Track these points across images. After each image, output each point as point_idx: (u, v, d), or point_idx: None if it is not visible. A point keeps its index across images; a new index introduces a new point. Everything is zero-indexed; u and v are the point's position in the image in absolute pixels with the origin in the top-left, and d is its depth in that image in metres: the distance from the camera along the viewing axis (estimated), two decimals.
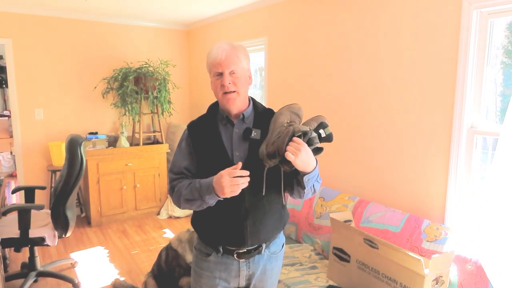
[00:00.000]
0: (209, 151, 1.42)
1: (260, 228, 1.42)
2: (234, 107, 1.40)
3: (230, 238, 1.42)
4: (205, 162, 1.42)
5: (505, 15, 1.96)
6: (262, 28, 3.71)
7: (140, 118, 4.41)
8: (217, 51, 1.37)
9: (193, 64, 5.12)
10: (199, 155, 1.44)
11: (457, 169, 2.16)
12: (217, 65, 1.36)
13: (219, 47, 1.37)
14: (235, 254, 1.43)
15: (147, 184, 4.43)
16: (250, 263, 1.47)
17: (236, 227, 1.40)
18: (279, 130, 1.31)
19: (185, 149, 1.47)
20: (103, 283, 2.96)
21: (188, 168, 1.46)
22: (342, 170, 2.94)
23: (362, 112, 2.73)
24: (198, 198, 1.33)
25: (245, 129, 1.41)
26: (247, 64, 1.43)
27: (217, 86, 1.39)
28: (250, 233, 1.41)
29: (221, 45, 1.38)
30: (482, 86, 2.08)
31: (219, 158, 1.40)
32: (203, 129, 1.47)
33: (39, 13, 4.09)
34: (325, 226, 2.59)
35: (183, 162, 1.46)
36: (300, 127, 1.29)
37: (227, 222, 1.41)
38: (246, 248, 1.43)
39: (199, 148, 1.44)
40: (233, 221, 1.40)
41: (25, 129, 4.18)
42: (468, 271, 1.85)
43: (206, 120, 1.50)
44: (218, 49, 1.37)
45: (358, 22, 2.70)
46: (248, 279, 1.49)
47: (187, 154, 1.46)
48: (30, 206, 2.63)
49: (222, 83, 1.36)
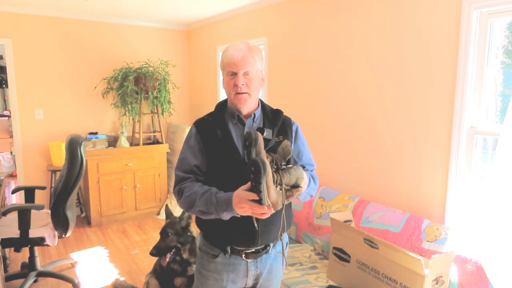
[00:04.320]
0: (220, 149, 1.39)
1: (271, 228, 1.43)
2: (245, 107, 1.41)
3: (241, 238, 1.41)
4: (216, 160, 1.40)
5: (505, 15, 1.96)
6: (262, 28, 3.71)
7: (140, 118, 4.41)
8: (233, 50, 1.36)
9: (193, 64, 5.12)
10: (210, 153, 1.41)
11: (457, 169, 2.16)
12: (232, 65, 1.36)
13: (236, 47, 1.37)
14: (243, 254, 1.43)
15: (147, 184, 4.43)
16: (258, 263, 1.47)
17: (248, 227, 1.38)
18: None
19: (195, 147, 1.42)
20: (103, 283, 2.96)
21: (199, 166, 1.42)
22: (342, 170, 2.94)
23: (362, 112, 2.73)
24: (214, 213, 1.31)
25: (258, 128, 1.42)
26: (261, 66, 1.44)
27: (230, 85, 1.39)
28: (262, 233, 1.41)
29: (239, 44, 1.38)
30: (482, 86, 2.08)
31: (231, 156, 1.38)
32: (213, 127, 1.43)
33: (39, 13, 4.10)
34: (325, 226, 2.59)
35: (194, 160, 1.41)
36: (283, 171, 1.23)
37: (240, 223, 1.38)
38: (255, 248, 1.43)
39: (210, 146, 1.41)
40: (245, 222, 1.38)
41: (25, 129, 4.18)
42: (468, 271, 1.85)
43: (216, 118, 1.45)
44: (235, 49, 1.37)
45: (358, 22, 2.70)
46: (255, 279, 1.49)
47: (198, 151, 1.42)
48: (30, 206, 2.63)
49: (235, 83, 1.36)
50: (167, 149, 4.55)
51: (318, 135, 3.13)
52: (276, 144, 1.40)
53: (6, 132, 6.28)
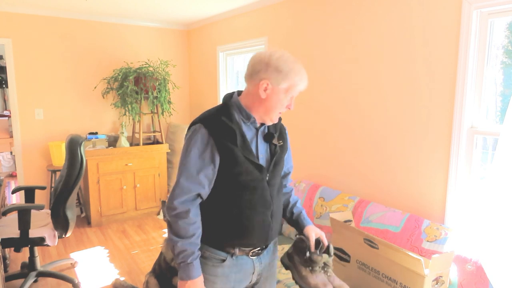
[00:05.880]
0: (237, 152, 1.31)
1: (278, 225, 1.49)
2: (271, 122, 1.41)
3: (257, 240, 1.43)
4: (230, 164, 1.32)
5: (505, 15, 1.96)
6: (262, 28, 3.71)
7: (140, 118, 4.41)
8: (306, 80, 1.36)
9: (193, 64, 5.12)
10: (225, 156, 1.31)
11: (457, 169, 2.16)
12: (299, 91, 1.36)
13: (307, 78, 1.37)
14: (250, 253, 1.45)
15: (147, 184, 4.43)
16: (261, 258, 1.50)
17: (265, 228, 1.42)
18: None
19: (207, 154, 1.30)
20: (103, 283, 2.96)
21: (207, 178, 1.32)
22: (342, 170, 2.94)
23: (362, 112, 2.73)
24: (174, 257, 1.35)
25: (267, 134, 1.43)
26: None
27: (282, 104, 1.35)
28: (273, 231, 1.46)
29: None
30: (482, 86, 2.08)
31: (248, 159, 1.34)
32: (226, 128, 1.32)
33: (39, 13, 4.10)
34: (325, 226, 2.59)
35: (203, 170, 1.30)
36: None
37: (258, 224, 1.40)
38: (265, 245, 1.48)
39: (224, 149, 1.31)
40: (263, 223, 1.42)
41: (25, 129, 4.18)
42: (468, 271, 1.85)
43: (227, 117, 1.34)
44: (306, 79, 1.37)
45: (358, 22, 2.70)
46: (259, 274, 1.52)
47: (209, 160, 1.31)
48: (30, 206, 2.63)
49: (288, 106, 1.37)
50: (167, 149, 4.55)
51: (318, 135, 3.13)
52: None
53: (6, 132, 6.28)
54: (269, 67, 1.29)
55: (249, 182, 1.36)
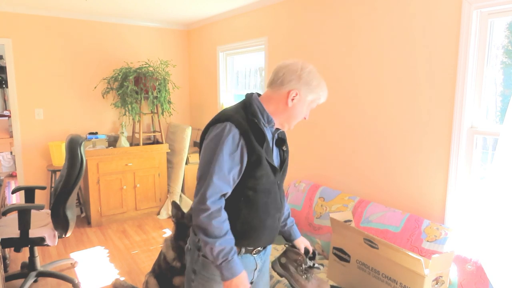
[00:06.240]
0: (263, 155, 1.34)
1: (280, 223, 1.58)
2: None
3: (265, 241, 1.48)
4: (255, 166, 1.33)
5: (505, 15, 1.96)
6: (262, 28, 3.71)
7: (140, 118, 4.41)
8: (327, 95, 1.47)
9: (193, 64, 5.12)
10: (252, 158, 1.32)
11: (457, 169, 2.16)
12: (320, 103, 1.47)
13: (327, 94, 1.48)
14: (253, 251, 1.47)
15: (147, 184, 4.43)
16: (262, 255, 1.53)
17: (273, 231, 1.49)
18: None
19: (237, 154, 1.30)
20: (103, 283, 2.96)
21: (235, 177, 1.33)
22: (342, 170, 2.94)
23: (362, 112, 2.73)
24: (211, 259, 1.33)
25: (279, 139, 1.50)
26: None
27: (303, 113, 1.44)
28: (277, 233, 1.54)
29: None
30: (482, 86, 2.08)
31: (269, 162, 1.37)
32: (257, 130, 1.34)
33: (39, 13, 4.10)
34: (325, 226, 2.59)
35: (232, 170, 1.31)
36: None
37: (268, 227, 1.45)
38: (270, 244, 1.53)
39: (253, 151, 1.32)
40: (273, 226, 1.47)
41: (25, 129, 4.18)
42: (468, 271, 1.85)
43: (256, 119, 1.37)
44: (327, 95, 1.48)
45: (358, 22, 2.70)
46: (259, 270, 1.55)
47: (238, 160, 1.31)
48: (30, 206, 2.63)
49: (306, 116, 1.47)
50: (167, 149, 4.55)
51: (318, 135, 3.13)
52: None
53: (6, 132, 6.28)
54: (301, 80, 1.38)
55: (266, 185, 1.39)
